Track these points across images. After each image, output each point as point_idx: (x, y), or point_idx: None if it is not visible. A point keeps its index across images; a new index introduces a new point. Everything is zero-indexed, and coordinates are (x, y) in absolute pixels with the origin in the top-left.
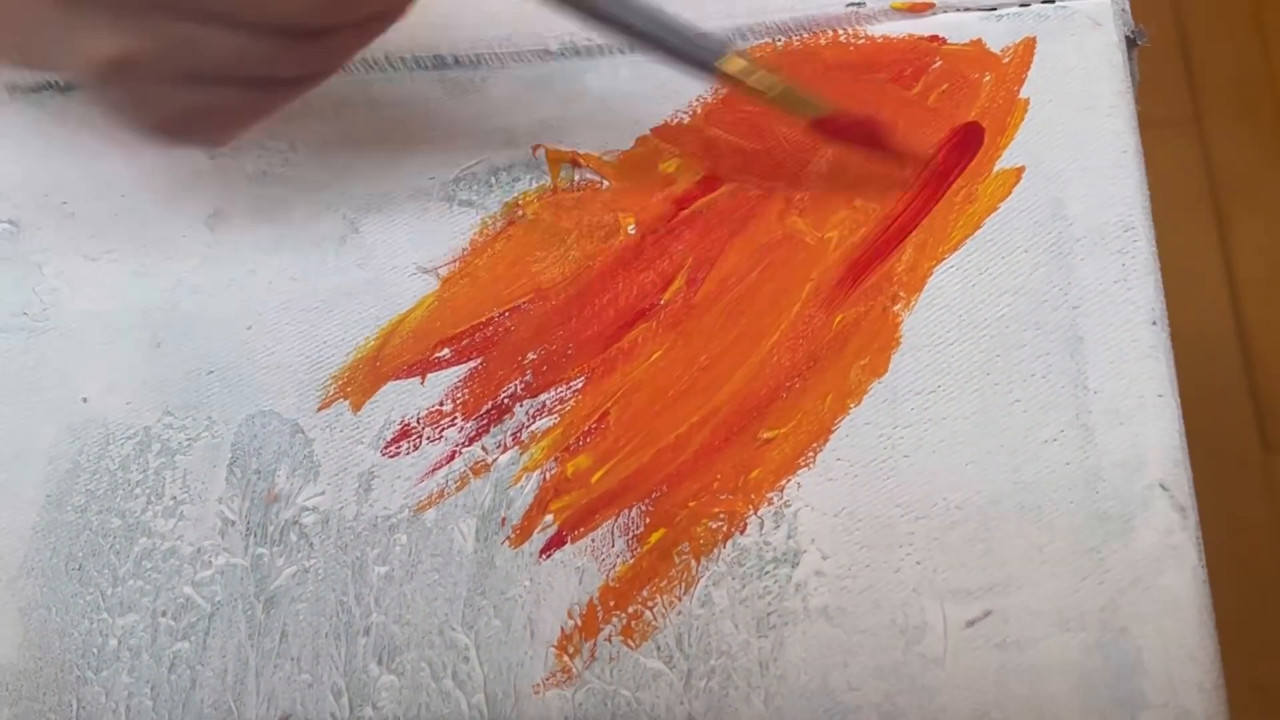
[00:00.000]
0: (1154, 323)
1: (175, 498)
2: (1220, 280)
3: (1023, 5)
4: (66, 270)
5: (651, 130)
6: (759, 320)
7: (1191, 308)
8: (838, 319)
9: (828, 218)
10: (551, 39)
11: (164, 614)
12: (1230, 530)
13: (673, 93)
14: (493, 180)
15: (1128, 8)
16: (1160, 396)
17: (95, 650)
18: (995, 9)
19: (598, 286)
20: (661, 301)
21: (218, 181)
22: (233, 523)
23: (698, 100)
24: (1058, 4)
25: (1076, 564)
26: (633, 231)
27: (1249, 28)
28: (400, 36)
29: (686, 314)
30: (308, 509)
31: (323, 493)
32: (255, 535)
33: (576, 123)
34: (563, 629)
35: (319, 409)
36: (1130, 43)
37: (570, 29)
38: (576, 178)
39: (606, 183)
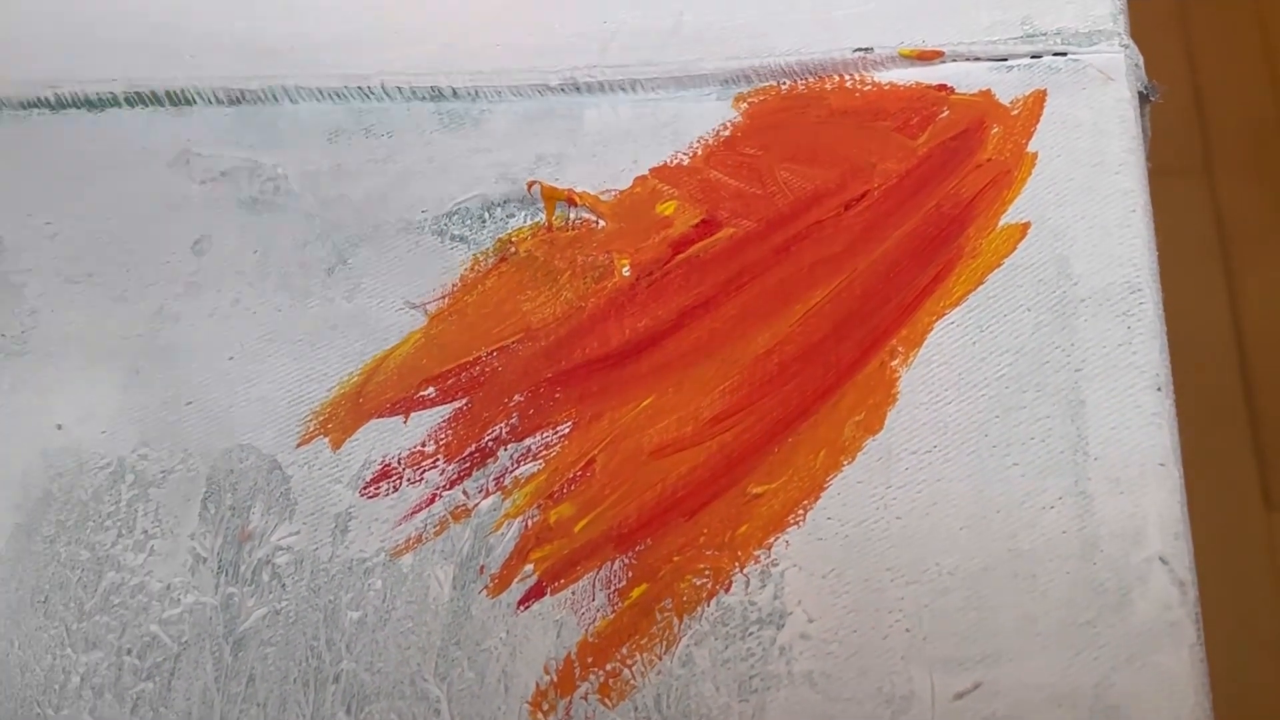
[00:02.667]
0: (1158, 389)
1: (146, 531)
2: (1228, 334)
3: (1034, 57)
4: (47, 292)
5: (650, 170)
6: (751, 370)
7: (1197, 362)
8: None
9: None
10: (551, 74)
11: (129, 652)
12: (1231, 590)
13: (673, 133)
14: (486, 216)
15: (1141, 63)
16: (1162, 466)
17: (57, 687)
18: (1005, 59)
19: (589, 329)
20: (654, 347)
21: (206, 207)
22: (204, 560)
23: (698, 141)
24: (1069, 57)
25: (1070, 637)
26: (627, 273)
27: (1263, 78)
28: (397, 66)
29: (678, 361)
30: (282, 548)
31: (298, 532)
32: (227, 574)
33: (574, 160)
34: (538, 684)
35: (298, 445)
36: (1143, 98)
37: (571, 63)
38: (572, 216)
39: (602, 222)
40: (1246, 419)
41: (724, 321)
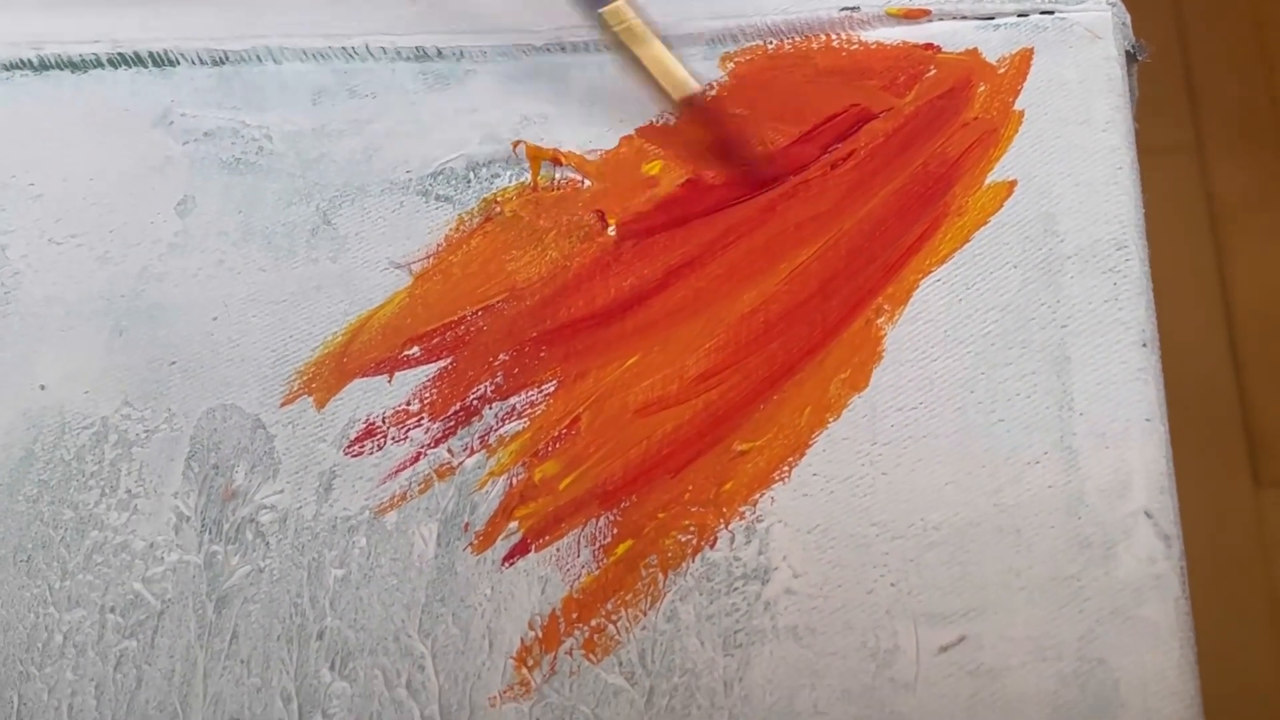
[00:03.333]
0: (1144, 345)
1: (130, 491)
2: (1217, 311)
3: (1020, 15)
4: (30, 254)
5: (636, 130)
6: (737, 329)
7: (1187, 339)
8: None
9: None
10: (536, 33)
11: (112, 610)
12: (1217, 565)
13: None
14: (471, 176)
15: (1128, 21)
16: (1148, 421)
17: (40, 645)
18: (992, 18)
19: (574, 288)
20: (639, 306)
21: (189, 168)
22: (188, 519)
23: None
24: (1056, 15)
25: (1055, 591)
26: (613, 233)
27: (1254, 55)
28: (381, 26)
29: (664, 319)
30: (265, 507)
31: (282, 491)
32: (210, 532)
33: (559, 120)
34: (523, 640)
35: (282, 404)
36: (1130, 58)
37: (556, 22)
38: (557, 176)
39: (588, 182)
40: (1236, 397)
41: (710, 280)
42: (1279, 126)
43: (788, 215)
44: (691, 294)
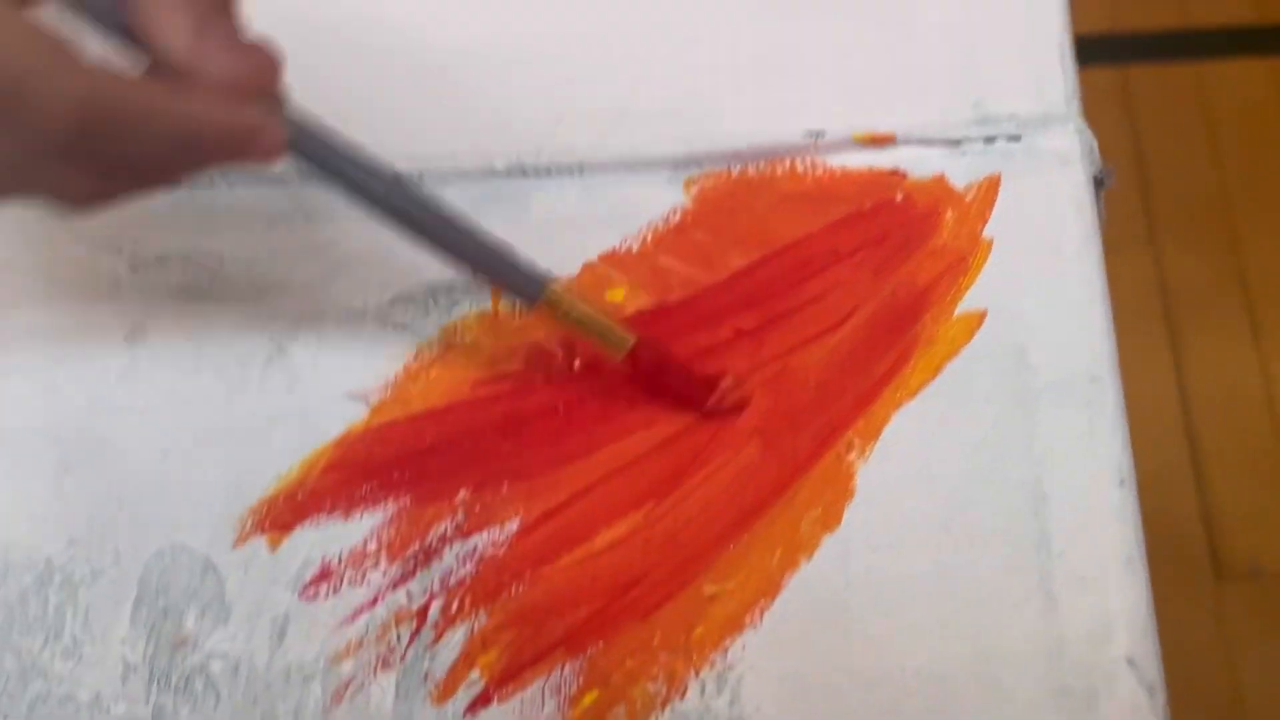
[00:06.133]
0: (1121, 482)
1: (75, 637)
2: (1174, 402)
3: (987, 141)
4: None
5: (599, 256)
6: (707, 464)
7: (1145, 430)
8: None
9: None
10: (498, 156)
11: None
12: (1181, 661)
13: (622, 218)
14: (430, 303)
15: (1095, 147)
16: (1128, 562)
17: None
18: (959, 144)
19: (538, 421)
20: (605, 440)
21: (139, 295)
22: (135, 667)
23: (648, 226)
24: (1024, 141)
25: None
26: (577, 365)
27: (1205, 150)
28: None
29: (630, 454)
30: (216, 655)
31: (233, 637)
32: (159, 683)
33: (520, 244)
34: None
35: (234, 545)
36: (1097, 183)
37: (518, 146)
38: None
39: None
40: (1194, 490)
41: (678, 414)
42: (1230, 219)
43: (762, 350)
44: (658, 430)
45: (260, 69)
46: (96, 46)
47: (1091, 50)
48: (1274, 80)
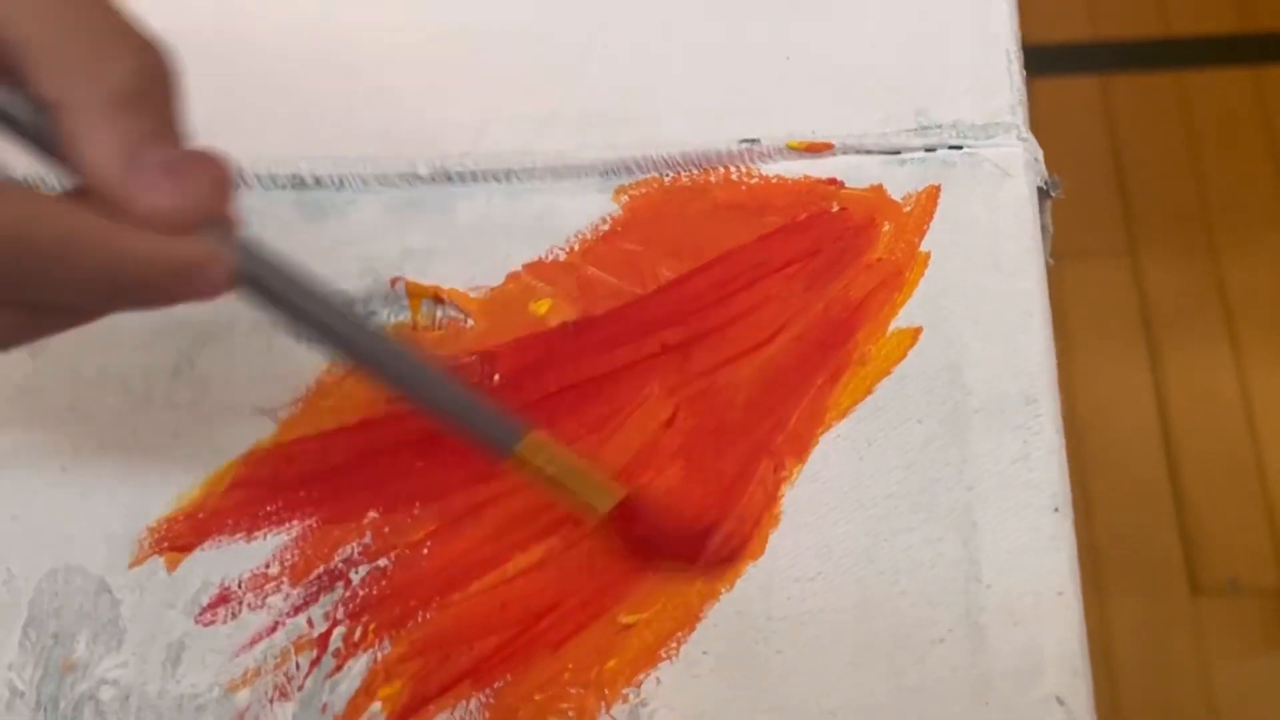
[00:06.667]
0: (1056, 509)
1: None
2: (1152, 415)
3: (927, 150)
4: None
5: (524, 266)
6: (628, 484)
7: (1122, 443)
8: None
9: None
10: (421, 162)
11: None
12: (1157, 674)
13: (550, 226)
14: None
15: (1040, 157)
16: (1060, 594)
17: None
18: (898, 153)
19: (453, 440)
20: None
21: None
22: (21, 694)
23: (576, 236)
24: (965, 150)
25: None
26: (497, 380)
27: (1185, 159)
28: (256, 151)
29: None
30: (107, 682)
31: (125, 664)
32: (46, 710)
33: (443, 254)
34: None
35: (131, 566)
36: (1043, 194)
37: (443, 151)
38: (439, 315)
39: (471, 321)
40: (1171, 502)
41: (595, 434)
42: (1209, 229)
43: (689, 366)
44: (579, 448)
45: (207, 192)
46: (25, 165)
47: (1072, 59)
48: (1255, 90)
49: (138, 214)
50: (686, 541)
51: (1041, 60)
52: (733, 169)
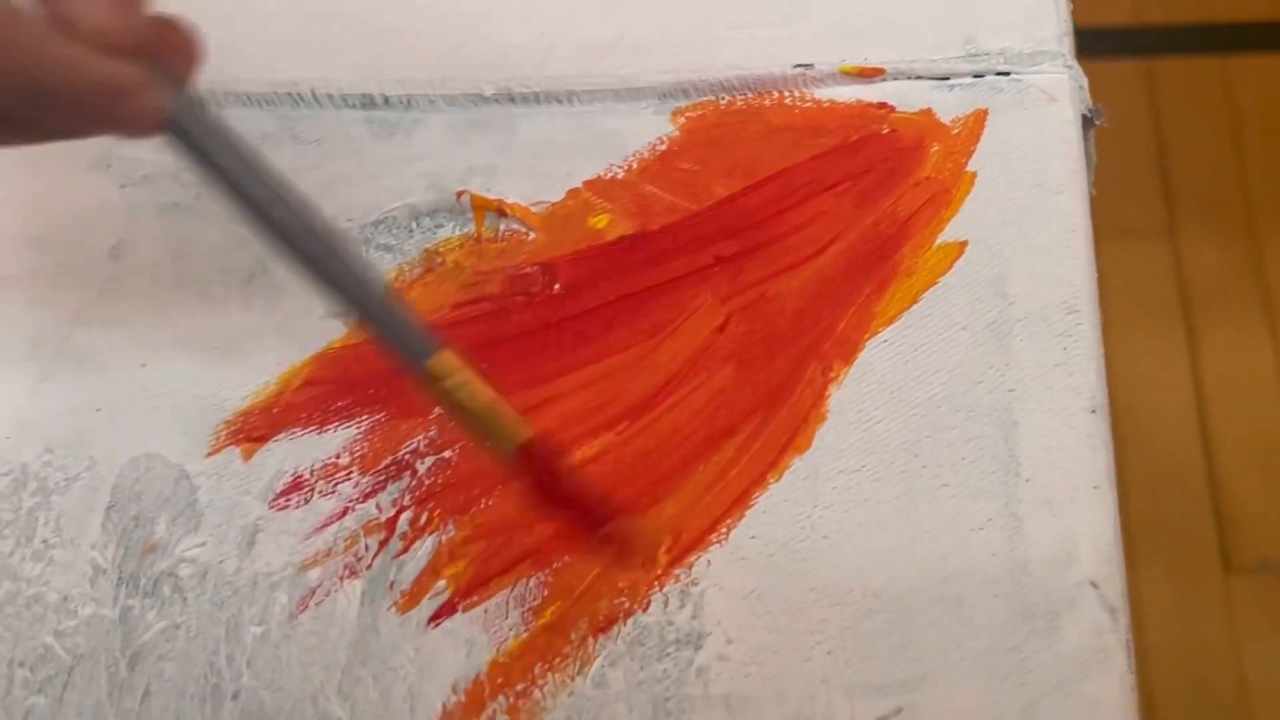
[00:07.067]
0: (1093, 410)
1: (46, 541)
2: (1189, 396)
3: (976, 76)
4: None
5: (584, 183)
6: (681, 387)
7: (1158, 423)
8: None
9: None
10: (486, 83)
11: (21, 665)
12: (1188, 652)
13: (609, 146)
14: (414, 225)
15: (1085, 85)
16: (1096, 488)
17: None
18: (947, 79)
19: (515, 342)
20: (583, 361)
21: (125, 212)
22: (104, 571)
23: (634, 155)
24: (1012, 77)
25: (997, 662)
26: (558, 289)
27: (1227, 142)
28: (328, 72)
29: (605, 374)
30: (185, 560)
31: (203, 544)
32: (127, 586)
33: (506, 171)
34: (444, 705)
35: (208, 455)
36: (1087, 121)
37: (506, 73)
38: (501, 227)
39: (532, 234)
40: (1206, 482)
41: (655, 338)
42: (1249, 213)
43: (741, 277)
44: (635, 352)
45: (154, 35)
46: None
47: (1115, 43)
48: None
49: (83, 29)
50: (585, 507)
51: (1085, 44)
52: (786, 93)
